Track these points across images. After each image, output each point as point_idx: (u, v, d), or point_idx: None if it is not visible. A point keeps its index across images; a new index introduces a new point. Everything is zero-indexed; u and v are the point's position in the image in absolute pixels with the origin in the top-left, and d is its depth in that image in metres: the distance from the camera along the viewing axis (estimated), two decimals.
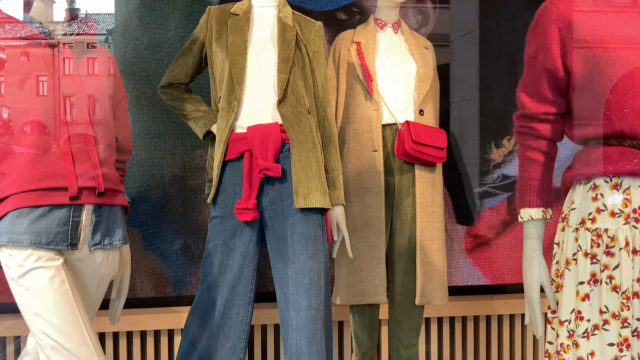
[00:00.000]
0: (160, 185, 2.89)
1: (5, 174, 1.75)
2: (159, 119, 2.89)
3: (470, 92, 3.16)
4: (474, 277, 3.15)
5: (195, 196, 2.91)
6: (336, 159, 2.26)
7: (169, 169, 2.90)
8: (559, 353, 1.58)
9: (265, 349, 2.91)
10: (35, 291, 1.68)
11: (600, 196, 1.54)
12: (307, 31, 2.27)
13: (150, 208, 2.88)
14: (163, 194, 2.90)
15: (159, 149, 2.89)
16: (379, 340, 2.92)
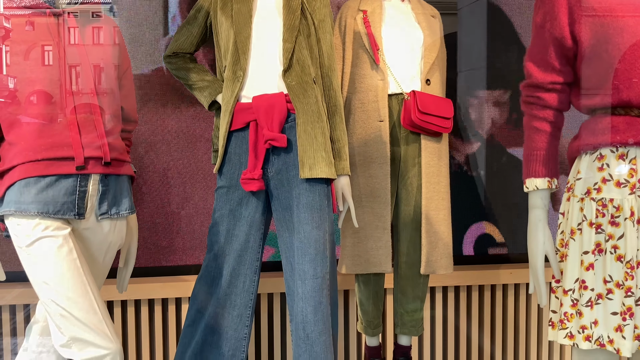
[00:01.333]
0: (166, 154, 2.90)
1: (12, 143, 1.75)
2: (165, 89, 2.88)
3: (478, 62, 3.13)
4: (480, 247, 3.16)
5: (202, 166, 2.92)
6: (342, 129, 2.25)
7: (175, 138, 2.90)
8: (562, 322, 1.59)
9: (272, 317, 2.94)
10: (44, 260, 1.69)
11: (606, 166, 1.53)
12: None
13: (157, 178, 2.89)
14: (169, 163, 2.90)
15: (166, 118, 2.89)
16: (384, 308, 2.95)
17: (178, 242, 2.92)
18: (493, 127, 3.16)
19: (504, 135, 3.17)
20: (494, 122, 3.16)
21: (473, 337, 3.10)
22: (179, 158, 2.91)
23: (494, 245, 3.18)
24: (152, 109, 2.88)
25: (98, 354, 1.66)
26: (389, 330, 3.00)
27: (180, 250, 2.93)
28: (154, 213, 2.90)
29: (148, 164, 2.89)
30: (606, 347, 1.52)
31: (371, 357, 2.70)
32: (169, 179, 2.90)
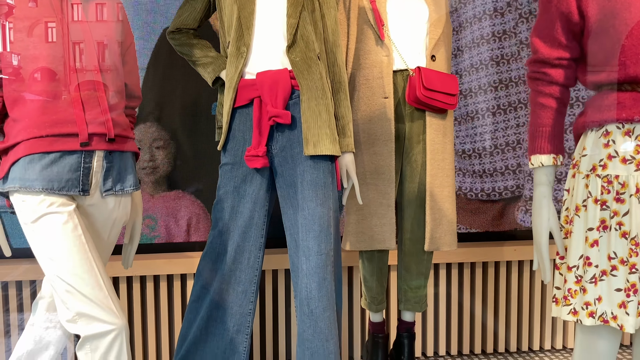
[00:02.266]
0: (170, 131, 2.89)
1: (17, 120, 1.75)
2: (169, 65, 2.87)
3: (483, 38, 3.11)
4: (483, 224, 3.16)
5: (206, 142, 2.92)
6: (346, 106, 2.24)
7: (180, 114, 2.89)
8: (566, 298, 1.60)
9: (276, 293, 2.96)
10: (49, 236, 1.70)
11: (612, 142, 1.53)
12: None
13: (162, 155, 2.89)
14: (174, 140, 2.90)
15: (170, 94, 2.88)
16: (387, 284, 2.96)
17: (183, 218, 2.93)
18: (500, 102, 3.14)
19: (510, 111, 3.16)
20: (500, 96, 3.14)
21: (477, 313, 3.11)
22: (184, 134, 2.90)
23: (498, 222, 3.18)
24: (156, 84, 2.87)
25: (104, 329, 1.67)
26: (392, 306, 3.02)
27: (185, 226, 2.93)
28: (159, 189, 2.90)
29: (152, 140, 2.89)
30: (610, 323, 1.52)
31: (375, 332, 2.72)
32: (174, 156, 2.90)
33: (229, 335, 2.23)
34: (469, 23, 3.08)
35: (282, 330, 2.97)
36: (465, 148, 3.13)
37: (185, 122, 2.91)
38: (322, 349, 2.08)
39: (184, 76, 2.89)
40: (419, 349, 3.08)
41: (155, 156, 2.90)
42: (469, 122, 3.13)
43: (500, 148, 3.16)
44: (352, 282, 3.02)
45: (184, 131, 2.91)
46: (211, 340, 2.24)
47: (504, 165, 3.16)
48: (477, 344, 3.12)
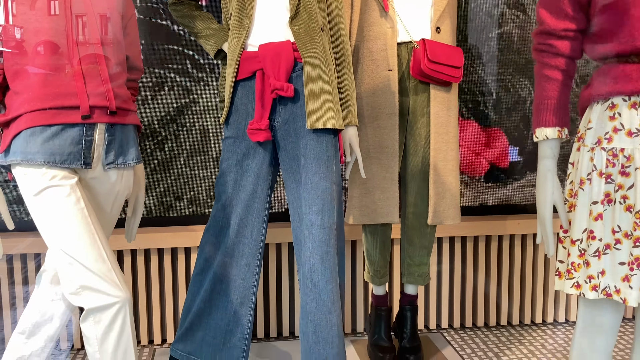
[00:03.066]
0: (173, 105, 2.88)
1: (18, 92, 1.75)
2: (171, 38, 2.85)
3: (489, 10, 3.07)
4: (487, 197, 3.16)
5: (209, 116, 2.91)
6: (350, 79, 2.22)
7: (181, 87, 2.88)
8: (569, 272, 1.59)
9: (280, 266, 2.97)
10: (51, 209, 1.70)
11: (618, 115, 1.51)
12: None
13: (164, 128, 2.88)
14: (177, 113, 2.89)
15: (172, 67, 2.86)
16: (390, 258, 2.97)
17: (187, 192, 2.93)
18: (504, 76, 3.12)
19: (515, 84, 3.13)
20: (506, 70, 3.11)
21: (479, 286, 3.12)
22: (186, 107, 2.89)
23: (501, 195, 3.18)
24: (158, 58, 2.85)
25: (107, 301, 1.68)
26: (395, 279, 3.03)
27: (189, 200, 2.94)
28: (162, 163, 2.90)
29: (155, 114, 2.88)
30: (613, 296, 1.52)
31: (378, 305, 2.73)
32: (177, 129, 2.89)
33: (232, 307, 2.24)
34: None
35: (286, 303, 2.98)
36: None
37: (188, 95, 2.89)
38: (325, 321, 2.09)
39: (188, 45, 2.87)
40: (421, 321, 3.09)
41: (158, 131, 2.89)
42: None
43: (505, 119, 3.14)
44: (355, 256, 3.02)
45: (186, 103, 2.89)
46: (215, 312, 2.26)
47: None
48: (479, 317, 3.14)
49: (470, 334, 3.06)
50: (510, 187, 3.17)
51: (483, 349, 2.87)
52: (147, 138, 2.87)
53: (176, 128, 2.89)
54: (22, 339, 1.89)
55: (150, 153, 2.88)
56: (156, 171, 2.89)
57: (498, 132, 3.14)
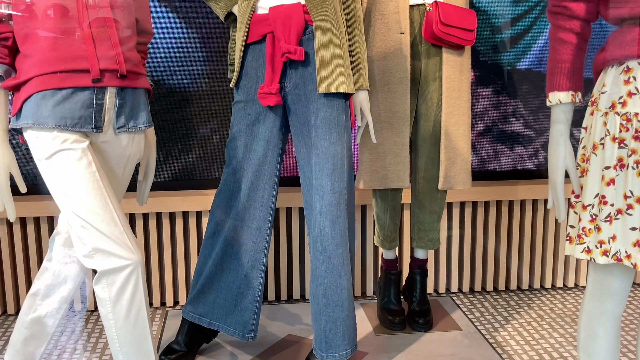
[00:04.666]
0: (184, 68, 2.87)
1: (28, 55, 1.74)
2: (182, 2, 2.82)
3: None
4: (498, 162, 3.14)
5: (220, 79, 2.89)
6: (361, 42, 2.19)
7: (193, 51, 2.86)
8: (580, 237, 1.59)
9: (291, 230, 2.99)
10: (63, 173, 1.71)
11: (633, 79, 1.49)
12: None
13: (175, 92, 2.87)
14: (187, 77, 2.88)
15: (182, 31, 2.84)
16: (400, 222, 2.98)
17: (198, 156, 2.93)
18: (517, 39, 3.07)
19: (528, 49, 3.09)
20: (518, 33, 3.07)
21: (489, 251, 3.13)
22: (197, 70, 2.88)
23: (512, 160, 3.16)
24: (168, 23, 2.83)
25: (120, 264, 1.70)
26: (405, 244, 3.04)
27: (200, 164, 2.94)
28: (174, 127, 2.90)
29: (166, 77, 2.87)
30: (623, 261, 1.52)
31: (387, 269, 2.75)
32: (187, 92, 2.88)
33: (243, 270, 2.26)
34: None
35: (296, 267, 3.01)
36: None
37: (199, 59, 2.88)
38: (335, 284, 2.11)
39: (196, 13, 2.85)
40: (431, 285, 3.11)
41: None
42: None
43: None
44: (365, 220, 3.03)
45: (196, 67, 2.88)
46: (226, 275, 2.28)
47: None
48: (489, 282, 3.16)
49: (479, 298, 3.08)
50: (522, 151, 3.15)
51: (492, 313, 2.89)
52: (158, 102, 2.87)
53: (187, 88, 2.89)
54: (37, 301, 1.92)
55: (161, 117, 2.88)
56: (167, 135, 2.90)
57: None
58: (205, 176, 2.96)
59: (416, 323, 2.65)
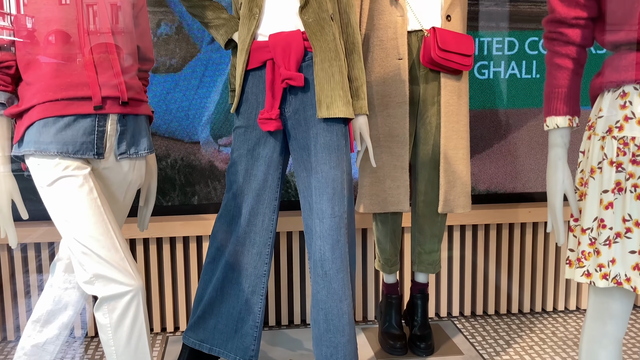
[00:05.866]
0: (185, 94, 2.89)
1: (30, 83, 1.76)
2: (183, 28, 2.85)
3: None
4: (498, 185, 3.15)
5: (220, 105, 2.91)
6: (360, 68, 2.22)
7: (193, 77, 2.88)
8: (579, 260, 1.59)
9: (291, 254, 2.99)
10: (65, 199, 1.72)
11: (629, 104, 1.50)
12: None
13: (175, 118, 2.89)
14: (187, 103, 2.90)
15: (183, 57, 2.87)
16: (401, 246, 2.98)
17: (198, 181, 2.94)
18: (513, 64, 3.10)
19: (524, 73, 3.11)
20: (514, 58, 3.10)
21: (490, 275, 3.12)
22: (197, 96, 2.90)
23: (512, 184, 3.17)
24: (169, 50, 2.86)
25: (121, 290, 1.70)
26: (406, 268, 3.04)
27: (200, 189, 2.95)
28: (174, 152, 2.91)
29: (167, 103, 2.89)
30: (623, 285, 1.52)
31: (389, 293, 2.74)
32: (188, 118, 2.90)
33: (244, 295, 2.26)
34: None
35: (297, 291, 3.00)
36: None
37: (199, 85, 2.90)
38: (336, 309, 2.10)
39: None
40: (432, 310, 3.10)
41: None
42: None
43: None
44: (366, 244, 3.03)
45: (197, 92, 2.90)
46: (227, 300, 2.28)
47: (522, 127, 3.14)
48: (490, 305, 3.15)
49: (481, 321, 3.07)
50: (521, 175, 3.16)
51: (494, 337, 2.88)
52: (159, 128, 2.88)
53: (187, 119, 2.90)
54: (37, 327, 1.92)
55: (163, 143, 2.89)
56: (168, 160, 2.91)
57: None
58: (206, 201, 2.96)
59: (418, 348, 2.64)
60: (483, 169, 3.12)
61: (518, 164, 3.16)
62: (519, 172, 3.16)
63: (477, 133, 3.09)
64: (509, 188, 3.16)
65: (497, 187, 3.15)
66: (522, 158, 3.16)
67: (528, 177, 3.17)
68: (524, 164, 3.16)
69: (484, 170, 3.13)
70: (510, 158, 3.15)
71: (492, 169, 3.13)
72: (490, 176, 3.14)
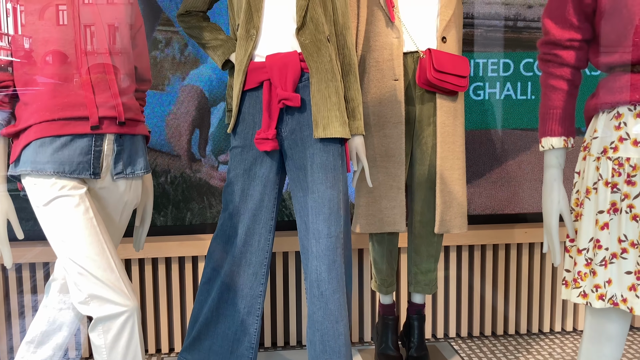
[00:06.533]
0: (181, 114, 2.90)
1: (28, 103, 1.76)
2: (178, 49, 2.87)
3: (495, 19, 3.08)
4: (494, 206, 3.16)
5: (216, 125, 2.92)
6: (356, 89, 2.23)
7: (190, 97, 2.89)
8: (576, 281, 1.59)
9: (287, 275, 2.98)
10: (61, 219, 1.72)
11: (624, 125, 1.51)
12: None
13: (172, 138, 2.90)
14: (184, 123, 2.90)
15: (179, 77, 2.88)
16: (398, 267, 2.97)
17: (194, 201, 2.94)
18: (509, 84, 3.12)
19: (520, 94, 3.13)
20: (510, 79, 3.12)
21: (487, 295, 3.12)
22: (194, 116, 2.90)
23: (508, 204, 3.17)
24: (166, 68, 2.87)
25: (116, 310, 1.69)
26: (402, 289, 3.03)
27: (196, 209, 2.95)
28: (170, 172, 2.91)
29: (163, 121, 2.89)
30: (619, 306, 1.52)
31: (385, 314, 2.73)
32: (184, 138, 2.91)
33: (239, 316, 2.24)
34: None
35: (293, 312, 2.99)
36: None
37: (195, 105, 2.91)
38: (332, 330, 2.09)
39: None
40: (429, 330, 3.09)
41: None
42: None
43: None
44: (362, 265, 3.02)
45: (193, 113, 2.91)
46: (222, 321, 2.26)
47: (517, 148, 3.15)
48: (487, 326, 3.13)
49: (477, 343, 3.05)
50: (517, 195, 3.17)
51: (491, 358, 2.87)
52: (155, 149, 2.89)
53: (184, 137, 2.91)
54: (31, 348, 1.91)
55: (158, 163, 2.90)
56: (164, 180, 2.91)
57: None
58: (202, 221, 2.96)
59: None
60: (479, 189, 3.13)
61: (514, 184, 3.17)
62: (515, 192, 3.17)
63: (473, 153, 3.10)
64: (505, 208, 3.17)
65: (493, 208, 3.15)
66: (519, 178, 3.17)
67: (524, 197, 3.18)
68: (520, 184, 3.17)
69: (480, 191, 3.13)
70: (507, 178, 3.15)
71: (488, 189, 3.14)
72: (486, 196, 3.14)
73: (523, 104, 3.13)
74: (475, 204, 3.13)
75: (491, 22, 3.06)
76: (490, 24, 3.06)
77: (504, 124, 3.13)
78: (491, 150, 3.13)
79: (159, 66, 2.86)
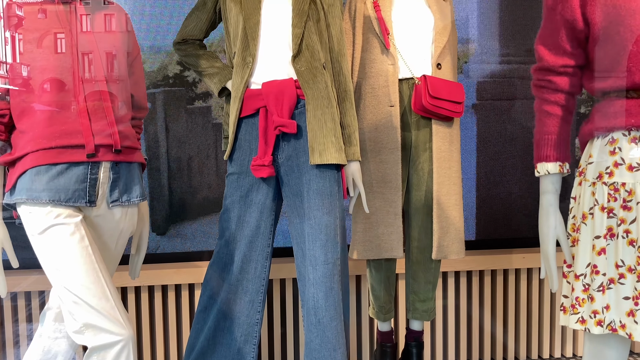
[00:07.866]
0: (177, 141, 2.91)
1: (24, 131, 1.77)
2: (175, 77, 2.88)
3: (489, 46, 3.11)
4: (491, 231, 3.15)
5: (213, 152, 2.93)
6: (352, 115, 2.24)
7: (186, 125, 2.90)
8: (574, 306, 1.59)
9: (284, 302, 2.96)
10: (56, 247, 1.71)
11: (619, 150, 1.52)
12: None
13: (168, 165, 2.90)
14: (181, 150, 2.91)
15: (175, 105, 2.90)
16: (396, 293, 2.96)
17: (190, 228, 2.94)
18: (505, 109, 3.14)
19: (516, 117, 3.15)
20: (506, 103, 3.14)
21: (485, 322, 3.10)
22: (190, 143, 2.91)
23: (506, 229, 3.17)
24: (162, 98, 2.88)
25: (111, 340, 1.68)
26: (401, 315, 3.01)
27: (192, 236, 2.94)
28: (166, 200, 2.91)
29: (160, 150, 2.90)
30: (618, 331, 1.51)
31: (383, 341, 2.71)
32: (180, 166, 2.91)
33: (236, 345, 2.22)
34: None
35: (290, 340, 2.96)
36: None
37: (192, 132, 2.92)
38: (330, 358, 2.08)
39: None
40: (427, 358, 3.06)
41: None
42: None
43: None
44: (360, 291, 3.01)
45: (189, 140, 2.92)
46: (219, 350, 2.24)
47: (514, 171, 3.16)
48: (486, 353, 3.11)
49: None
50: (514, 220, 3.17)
51: None
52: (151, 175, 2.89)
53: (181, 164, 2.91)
54: None
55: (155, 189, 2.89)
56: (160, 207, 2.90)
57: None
58: (198, 248, 2.95)
59: None
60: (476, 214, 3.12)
61: (512, 210, 3.16)
62: (512, 217, 3.16)
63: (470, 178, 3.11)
64: (503, 234, 3.16)
65: (491, 233, 3.15)
66: (516, 203, 3.17)
67: (521, 222, 3.17)
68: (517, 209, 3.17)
69: (477, 216, 3.13)
70: (504, 203, 3.15)
71: (485, 215, 3.14)
72: (483, 222, 3.14)
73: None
74: (472, 229, 3.13)
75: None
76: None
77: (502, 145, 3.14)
78: (488, 173, 3.14)
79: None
